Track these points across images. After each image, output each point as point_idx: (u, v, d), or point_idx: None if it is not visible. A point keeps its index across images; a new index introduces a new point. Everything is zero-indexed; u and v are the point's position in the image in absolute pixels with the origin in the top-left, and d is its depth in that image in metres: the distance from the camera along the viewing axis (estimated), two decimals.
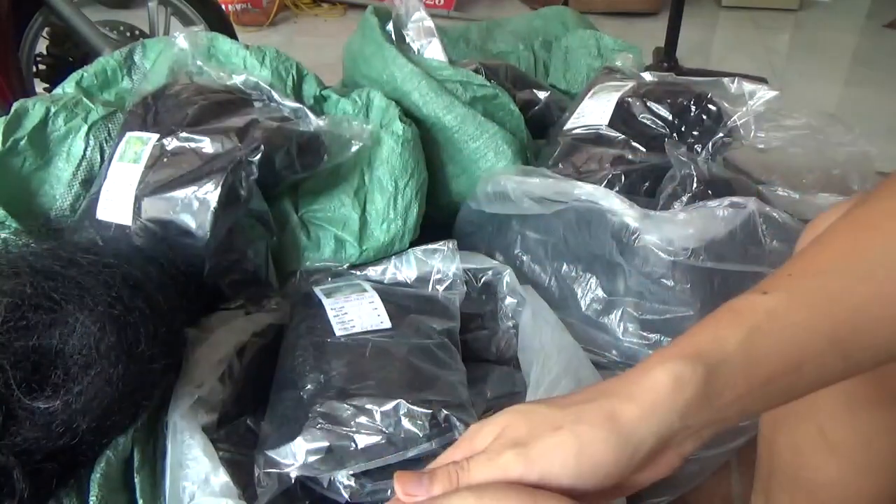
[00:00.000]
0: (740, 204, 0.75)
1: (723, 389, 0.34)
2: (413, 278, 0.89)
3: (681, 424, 0.34)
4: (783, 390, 0.35)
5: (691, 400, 0.34)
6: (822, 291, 0.35)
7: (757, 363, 0.34)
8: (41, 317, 0.58)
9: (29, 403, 0.55)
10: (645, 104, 0.95)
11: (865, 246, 0.36)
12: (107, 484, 0.60)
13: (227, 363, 0.72)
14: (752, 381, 0.34)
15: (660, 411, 0.34)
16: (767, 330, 0.35)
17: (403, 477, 0.35)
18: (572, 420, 0.34)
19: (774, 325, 0.35)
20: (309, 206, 0.96)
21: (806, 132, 0.88)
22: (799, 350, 0.35)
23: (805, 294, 0.35)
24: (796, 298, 0.35)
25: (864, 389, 0.49)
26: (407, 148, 0.94)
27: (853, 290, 0.35)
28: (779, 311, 0.35)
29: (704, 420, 0.35)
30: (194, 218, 0.80)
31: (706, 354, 0.34)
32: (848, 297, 0.35)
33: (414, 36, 1.18)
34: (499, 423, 0.36)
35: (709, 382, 0.34)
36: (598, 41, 1.37)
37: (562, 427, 0.33)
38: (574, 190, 0.82)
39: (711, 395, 0.34)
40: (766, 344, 0.34)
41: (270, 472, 0.63)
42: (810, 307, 0.35)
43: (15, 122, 0.91)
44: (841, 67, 2.22)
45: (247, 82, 0.98)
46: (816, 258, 0.37)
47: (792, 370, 0.35)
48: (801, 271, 0.37)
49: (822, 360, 0.35)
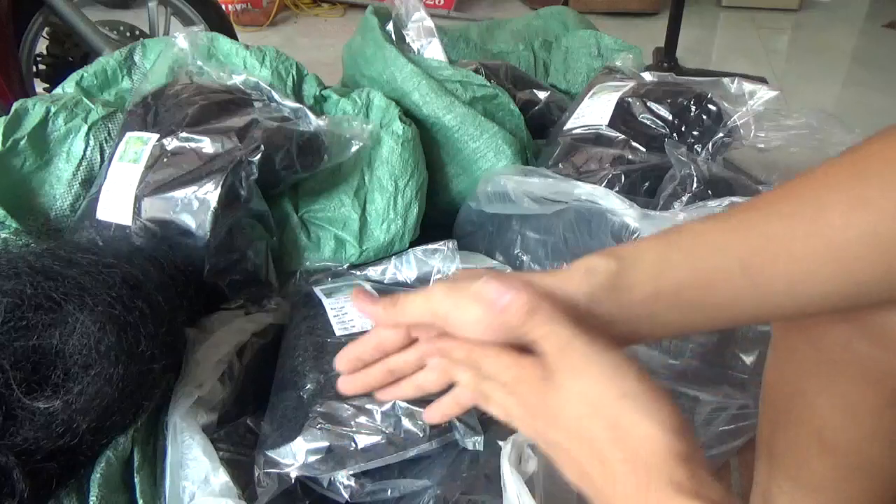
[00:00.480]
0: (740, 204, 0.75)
1: (632, 285, 0.37)
2: (413, 278, 0.89)
3: (586, 306, 0.37)
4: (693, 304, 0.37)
5: (600, 285, 0.37)
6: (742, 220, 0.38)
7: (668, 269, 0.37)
8: (41, 317, 0.58)
9: (29, 403, 0.55)
10: (645, 104, 0.95)
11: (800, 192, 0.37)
12: (107, 484, 0.60)
13: (227, 363, 0.72)
14: (662, 283, 0.37)
15: (568, 287, 0.37)
16: (683, 245, 0.38)
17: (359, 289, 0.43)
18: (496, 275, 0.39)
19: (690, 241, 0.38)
20: (309, 206, 0.96)
21: (806, 132, 0.88)
22: (710, 266, 0.37)
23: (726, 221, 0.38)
24: (717, 223, 0.38)
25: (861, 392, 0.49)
26: (407, 148, 0.94)
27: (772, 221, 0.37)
28: (698, 231, 0.38)
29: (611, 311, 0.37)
30: (194, 218, 0.80)
31: (621, 254, 0.38)
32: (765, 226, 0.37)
33: (414, 36, 1.18)
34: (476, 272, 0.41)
35: (618, 275, 0.37)
36: (598, 41, 1.37)
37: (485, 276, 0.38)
38: (574, 190, 0.82)
39: (620, 287, 0.37)
40: (679, 254, 0.37)
41: (270, 472, 0.63)
42: (726, 230, 0.37)
43: (15, 122, 0.91)
44: (841, 67, 2.22)
45: (247, 82, 0.98)
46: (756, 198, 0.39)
47: (702, 285, 0.37)
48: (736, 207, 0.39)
49: (733, 281, 0.37)
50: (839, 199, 0.36)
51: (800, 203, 0.37)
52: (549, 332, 0.35)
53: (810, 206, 0.36)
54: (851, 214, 0.35)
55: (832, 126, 0.87)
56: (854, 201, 0.35)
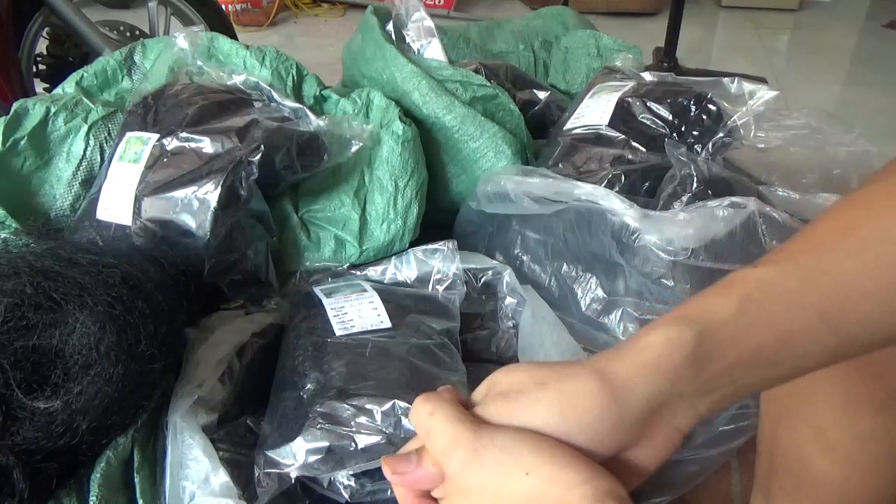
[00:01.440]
0: (740, 204, 0.75)
1: (713, 355, 0.34)
2: (413, 278, 0.89)
3: (671, 389, 0.34)
4: (774, 361, 0.35)
5: (681, 363, 0.34)
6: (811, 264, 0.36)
7: (746, 331, 0.34)
8: (41, 317, 0.58)
9: (29, 403, 0.55)
10: (645, 104, 0.95)
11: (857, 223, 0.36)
12: (107, 484, 0.60)
13: (227, 363, 0.72)
14: (742, 348, 0.34)
15: (649, 371, 0.33)
16: (757, 298, 0.35)
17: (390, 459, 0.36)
18: (557, 376, 0.34)
19: (764, 295, 0.35)
20: (309, 206, 0.96)
21: (806, 132, 0.88)
22: (788, 320, 0.35)
23: (795, 267, 0.36)
24: (786, 271, 0.36)
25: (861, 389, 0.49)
26: (407, 148, 0.94)
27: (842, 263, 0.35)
28: (768, 282, 0.35)
29: (696, 388, 0.34)
30: (194, 218, 0.80)
31: (697, 320, 0.35)
32: (837, 271, 0.35)
33: (414, 36, 1.18)
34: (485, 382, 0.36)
35: (699, 346, 0.34)
36: (597, 41, 1.37)
37: (547, 383, 0.34)
38: (574, 190, 0.82)
39: (702, 360, 0.34)
40: (756, 312, 0.35)
41: (270, 472, 0.63)
42: (799, 279, 0.35)
43: (15, 122, 0.91)
44: (840, 67, 2.22)
45: (247, 82, 0.98)
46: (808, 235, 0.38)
47: (782, 340, 0.35)
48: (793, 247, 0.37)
49: (812, 332, 0.35)
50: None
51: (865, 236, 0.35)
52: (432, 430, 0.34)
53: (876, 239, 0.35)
54: None
55: (832, 126, 0.87)
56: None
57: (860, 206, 0.37)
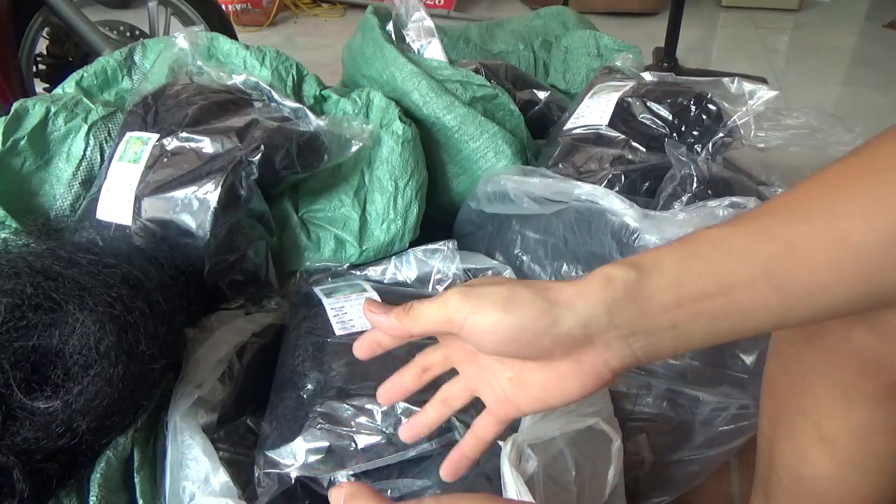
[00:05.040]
0: (740, 204, 0.75)
1: (652, 294, 0.36)
2: (413, 278, 0.89)
3: (606, 317, 0.37)
4: (716, 313, 0.37)
5: (621, 297, 0.37)
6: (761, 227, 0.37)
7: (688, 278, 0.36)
8: (41, 317, 0.58)
9: (29, 403, 0.55)
10: (645, 104, 0.95)
11: (813, 194, 0.37)
12: (107, 484, 0.60)
13: (227, 363, 0.72)
14: (682, 292, 0.36)
15: (588, 297, 0.37)
16: (703, 252, 0.37)
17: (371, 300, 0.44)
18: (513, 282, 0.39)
19: (710, 249, 0.37)
20: (309, 206, 0.96)
21: (806, 132, 0.88)
22: (731, 273, 0.36)
23: (744, 227, 0.38)
24: (737, 230, 0.37)
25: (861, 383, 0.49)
26: (407, 148, 0.94)
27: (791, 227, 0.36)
28: (717, 238, 0.37)
29: (631, 321, 0.37)
30: (194, 218, 0.80)
31: (640, 263, 0.37)
32: (784, 232, 0.36)
33: (414, 36, 1.18)
34: None
35: (638, 284, 0.37)
36: (597, 41, 1.37)
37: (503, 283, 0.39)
38: (574, 190, 0.82)
39: (640, 297, 0.36)
40: (700, 262, 0.37)
41: (270, 472, 0.63)
42: (747, 237, 0.37)
43: (15, 122, 0.91)
44: (840, 67, 2.22)
45: (247, 82, 0.98)
46: (766, 204, 0.39)
47: (723, 292, 0.36)
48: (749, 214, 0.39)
49: (755, 288, 0.36)
50: (857, 203, 0.35)
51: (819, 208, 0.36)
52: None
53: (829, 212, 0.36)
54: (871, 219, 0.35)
55: (832, 126, 0.87)
56: (872, 206, 0.35)
57: (818, 182, 0.38)
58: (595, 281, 0.37)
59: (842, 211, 0.36)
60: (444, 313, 0.39)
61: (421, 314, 0.40)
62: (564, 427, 0.61)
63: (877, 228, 0.35)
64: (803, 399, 0.53)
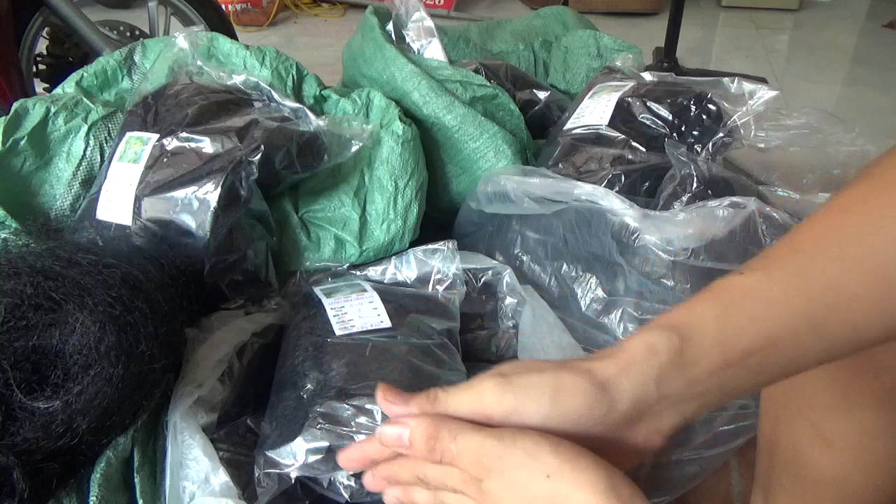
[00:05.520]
0: (740, 204, 0.75)
1: (698, 359, 0.35)
2: (413, 278, 0.89)
3: (656, 390, 0.35)
4: (761, 367, 0.36)
5: (665, 365, 0.35)
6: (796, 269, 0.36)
7: (732, 336, 0.35)
8: (41, 317, 0.58)
9: (29, 403, 0.55)
10: (645, 104, 0.95)
11: (840, 226, 0.36)
12: (107, 484, 0.60)
13: (227, 363, 0.72)
14: (728, 353, 0.35)
15: (635, 372, 0.35)
16: (742, 305, 0.36)
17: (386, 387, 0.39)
18: (554, 367, 0.36)
19: (749, 301, 0.36)
20: (309, 206, 0.96)
21: (806, 132, 0.88)
22: (774, 325, 0.35)
23: (780, 272, 0.36)
24: (772, 276, 0.36)
25: (861, 385, 0.49)
26: (407, 148, 0.94)
27: (826, 268, 0.35)
28: (754, 288, 0.36)
29: (680, 390, 0.36)
30: (194, 218, 0.80)
31: (680, 325, 0.36)
32: (821, 275, 0.35)
33: (414, 36, 1.18)
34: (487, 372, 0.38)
35: (683, 351, 0.35)
36: (597, 41, 1.37)
37: (544, 371, 0.36)
38: (574, 190, 0.82)
39: (686, 363, 0.35)
40: (741, 317, 0.35)
41: (270, 472, 0.63)
42: (785, 284, 0.36)
43: (15, 122, 0.91)
44: (840, 67, 2.22)
45: (247, 82, 0.98)
46: (791, 241, 0.38)
47: (768, 345, 0.35)
48: (776, 253, 0.38)
49: (799, 337, 0.35)
50: (889, 232, 0.34)
51: (846, 240, 0.36)
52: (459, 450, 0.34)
53: (860, 246, 0.35)
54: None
55: (832, 126, 0.87)
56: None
57: (840, 209, 0.37)
58: (638, 353, 0.36)
59: (873, 242, 0.35)
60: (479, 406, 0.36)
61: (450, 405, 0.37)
62: None
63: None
64: (803, 401, 0.53)
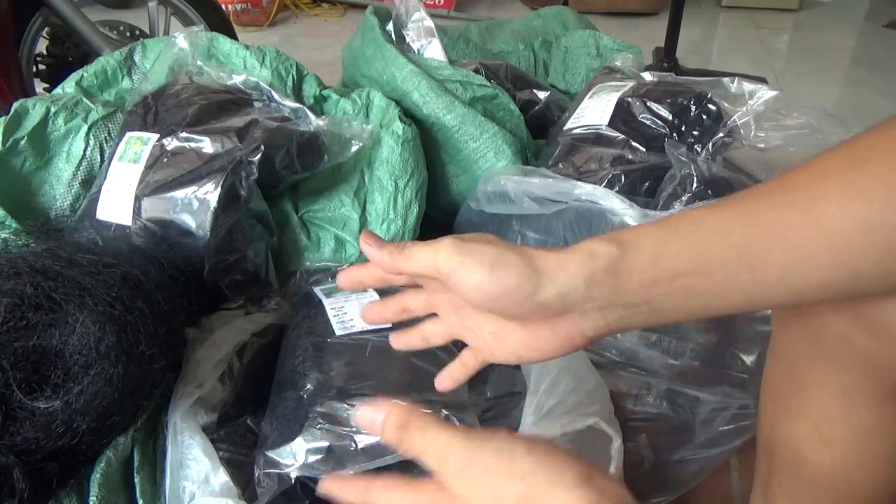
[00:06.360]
0: None
1: (630, 271, 0.38)
2: None
3: (584, 289, 0.38)
4: (689, 291, 0.38)
5: (598, 270, 0.38)
6: (740, 208, 0.38)
7: (666, 256, 0.38)
8: (41, 317, 0.58)
9: (29, 403, 0.55)
10: (645, 104, 0.95)
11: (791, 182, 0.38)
12: (107, 484, 0.60)
13: (227, 363, 0.72)
14: (659, 271, 0.38)
15: (570, 267, 0.38)
16: (682, 231, 0.38)
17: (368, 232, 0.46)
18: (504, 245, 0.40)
19: (692, 228, 0.38)
20: (309, 206, 0.96)
21: (806, 132, 0.88)
22: (708, 253, 0.37)
23: (724, 209, 0.39)
24: (716, 211, 0.39)
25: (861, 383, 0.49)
26: (407, 148, 0.94)
27: (769, 210, 0.37)
28: (699, 219, 0.38)
29: (607, 294, 0.38)
30: (194, 218, 0.80)
31: (623, 240, 0.39)
32: (763, 215, 0.37)
33: (414, 36, 1.18)
34: None
35: (618, 260, 0.38)
36: (597, 41, 1.37)
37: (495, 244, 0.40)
38: (574, 190, 0.82)
39: (618, 271, 0.38)
40: (679, 242, 0.38)
41: (270, 472, 0.63)
42: (724, 218, 0.38)
43: (15, 122, 0.91)
44: (840, 67, 2.22)
45: (247, 82, 0.99)
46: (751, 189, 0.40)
47: (700, 271, 0.37)
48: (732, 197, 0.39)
49: (729, 268, 0.37)
50: (835, 189, 0.36)
51: (796, 192, 0.37)
52: (426, 444, 0.35)
53: (806, 196, 0.37)
54: (847, 204, 0.35)
55: (832, 126, 0.87)
56: (849, 191, 0.36)
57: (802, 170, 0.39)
58: (578, 254, 0.39)
59: (820, 197, 0.36)
60: (434, 260, 0.40)
61: (413, 255, 0.42)
62: (565, 427, 0.61)
63: (851, 215, 0.35)
64: (803, 400, 0.53)
